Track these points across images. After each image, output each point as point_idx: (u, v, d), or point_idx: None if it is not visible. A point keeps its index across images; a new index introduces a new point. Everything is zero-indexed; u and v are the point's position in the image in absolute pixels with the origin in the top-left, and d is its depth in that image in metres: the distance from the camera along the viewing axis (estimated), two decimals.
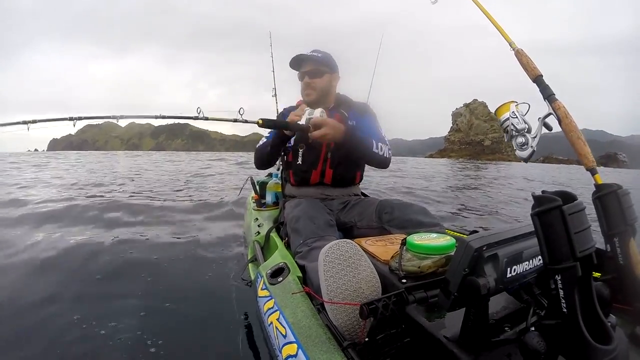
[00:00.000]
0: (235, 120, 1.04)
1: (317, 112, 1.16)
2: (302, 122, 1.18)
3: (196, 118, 0.98)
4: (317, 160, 1.41)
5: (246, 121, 1.06)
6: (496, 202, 4.99)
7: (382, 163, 1.31)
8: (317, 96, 1.40)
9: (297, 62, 1.41)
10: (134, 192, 4.94)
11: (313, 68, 1.39)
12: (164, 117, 0.97)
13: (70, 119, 0.88)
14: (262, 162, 1.47)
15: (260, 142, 1.46)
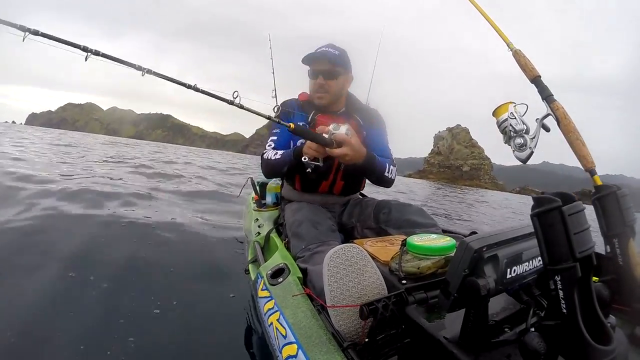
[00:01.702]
0: (269, 118, 1.03)
1: (343, 129, 1.08)
2: (326, 136, 1.10)
3: (231, 103, 0.97)
4: (329, 171, 1.32)
5: (280, 122, 1.04)
6: None
7: (386, 184, 1.28)
8: (330, 100, 1.30)
9: (311, 58, 1.27)
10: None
11: (329, 68, 1.26)
12: (197, 90, 0.97)
13: (85, 49, 0.86)
14: (275, 175, 1.39)
15: (271, 154, 1.29)
